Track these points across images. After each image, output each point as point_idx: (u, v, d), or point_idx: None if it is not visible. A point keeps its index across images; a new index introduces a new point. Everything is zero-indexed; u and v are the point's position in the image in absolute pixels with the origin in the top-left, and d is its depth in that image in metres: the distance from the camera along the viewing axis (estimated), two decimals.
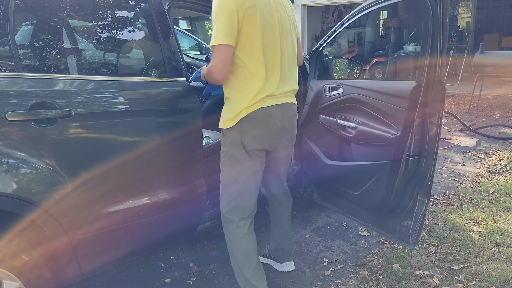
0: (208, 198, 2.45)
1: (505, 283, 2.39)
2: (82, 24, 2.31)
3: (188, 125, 2.26)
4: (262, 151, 2.10)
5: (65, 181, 1.84)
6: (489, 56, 6.55)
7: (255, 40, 1.93)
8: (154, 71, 2.33)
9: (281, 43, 2.02)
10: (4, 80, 1.75)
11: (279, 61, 2.02)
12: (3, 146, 1.69)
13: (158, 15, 2.23)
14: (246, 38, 1.91)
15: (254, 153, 2.06)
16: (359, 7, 2.49)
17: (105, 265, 2.15)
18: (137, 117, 2.08)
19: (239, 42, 1.91)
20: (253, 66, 1.94)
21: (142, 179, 2.12)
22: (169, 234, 2.35)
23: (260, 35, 1.93)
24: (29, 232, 1.77)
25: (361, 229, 3.06)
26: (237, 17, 1.86)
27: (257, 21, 1.91)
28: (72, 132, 1.87)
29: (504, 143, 5.12)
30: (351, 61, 3.75)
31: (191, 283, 2.50)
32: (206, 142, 2.78)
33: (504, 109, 6.89)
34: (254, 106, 1.97)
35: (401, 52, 9.45)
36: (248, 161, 2.06)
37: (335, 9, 12.61)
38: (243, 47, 1.92)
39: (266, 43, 1.96)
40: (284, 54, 2.04)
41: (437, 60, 2.05)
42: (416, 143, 2.18)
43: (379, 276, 2.50)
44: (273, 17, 1.99)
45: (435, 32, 2.02)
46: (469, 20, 12.32)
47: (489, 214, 3.21)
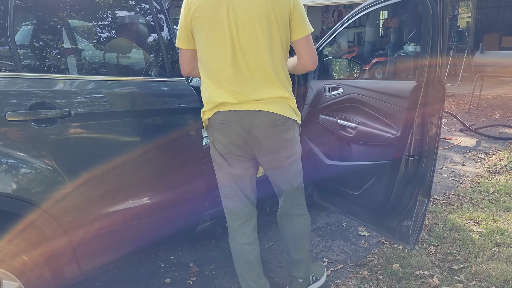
0: (208, 198, 2.45)
1: (505, 283, 2.39)
2: (82, 24, 2.31)
3: (188, 125, 2.26)
4: (239, 156, 1.98)
5: (64, 181, 1.84)
6: (489, 56, 6.55)
7: (200, 45, 1.86)
8: (154, 71, 2.33)
9: (237, 48, 1.80)
10: (4, 80, 1.75)
11: (229, 66, 1.82)
12: (3, 146, 1.69)
13: (158, 15, 2.23)
14: (197, 42, 1.89)
15: (229, 157, 1.98)
16: (359, 7, 2.49)
17: (105, 265, 2.15)
18: (137, 117, 2.08)
19: (196, 46, 1.91)
20: (204, 70, 1.89)
21: (142, 179, 2.12)
22: (169, 234, 2.35)
23: (205, 40, 1.83)
24: (29, 232, 1.77)
25: (361, 229, 3.06)
26: (188, 21, 1.86)
27: (204, 24, 1.81)
28: (72, 132, 1.87)
29: (504, 143, 5.12)
30: (351, 61, 3.74)
31: (191, 283, 2.50)
32: (206, 142, 2.78)
33: (504, 109, 6.89)
34: (213, 110, 1.90)
35: (401, 52, 9.45)
36: (226, 165, 1.99)
37: (335, 9, 12.62)
38: (198, 51, 1.90)
39: (212, 48, 1.83)
40: (241, 59, 1.82)
41: (437, 60, 2.05)
42: (416, 143, 2.18)
43: (379, 276, 2.50)
44: (223, 18, 1.79)
45: (435, 32, 2.02)
46: (469, 20, 12.32)
47: (489, 214, 3.21)
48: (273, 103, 1.87)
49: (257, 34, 1.80)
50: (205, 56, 1.87)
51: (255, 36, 1.80)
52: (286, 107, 1.90)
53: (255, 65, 1.83)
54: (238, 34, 1.79)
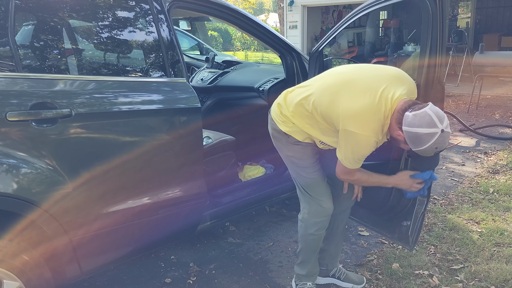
0: (208, 198, 2.45)
1: (505, 283, 2.39)
2: (82, 24, 2.32)
3: (188, 125, 2.26)
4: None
5: (65, 181, 1.84)
6: (488, 56, 6.55)
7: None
8: (154, 71, 2.33)
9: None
10: (4, 80, 1.75)
11: None
12: (3, 146, 1.70)
13: (158, 16, 2.24)
14: None
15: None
16: (359, 8, 2.49)
17: (106, 265, 2.15)
18: (137, 117, 2.09)
19: None
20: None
21: (142, 179, 2.13)
22: (169, 234, 2.36)
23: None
24: (30, 232, 1.77)
25: (361, 229, 3.06)
26: None
27: None
28: (73, 132, 1.87)
29: (504, 143, 5.13)
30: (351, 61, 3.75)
31: (191, 283, 2.51)
32: (206, 142, 2.78)
33: (503, 109, 6.89)
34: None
35: (400, 52, 9.46)
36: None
37: (335, 10, 12.61)
38: None
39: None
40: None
41: (437, 60, 2.05)
42: None
43: (379, 276, 2.50)
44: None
45: (434, 32, 2.02)
46: (468, 20, 12.32)
47: (488, 214, 3.21)
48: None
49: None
50: None
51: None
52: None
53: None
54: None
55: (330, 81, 1.97)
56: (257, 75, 3.45)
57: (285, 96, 2.13)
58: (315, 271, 2.35)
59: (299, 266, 2.32)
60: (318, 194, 2.15)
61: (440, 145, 1.75)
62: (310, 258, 2.28)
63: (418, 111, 1.73)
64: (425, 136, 1.72)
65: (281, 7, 11.80)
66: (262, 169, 3.19)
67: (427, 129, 1.71)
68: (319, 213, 2.16)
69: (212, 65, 3.91)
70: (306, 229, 2.21)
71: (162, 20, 2.25)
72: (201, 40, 5.99)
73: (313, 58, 2.86)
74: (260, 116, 2.28)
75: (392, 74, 1.92)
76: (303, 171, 2.13)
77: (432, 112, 1.72)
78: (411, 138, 1.76)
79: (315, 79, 2.11)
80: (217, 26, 20.72)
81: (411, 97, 1.92)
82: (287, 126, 2.06)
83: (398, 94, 1.81)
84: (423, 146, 1.74)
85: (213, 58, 3.95)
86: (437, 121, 1.71)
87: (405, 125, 1.76)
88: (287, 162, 2.19)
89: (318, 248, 2.28)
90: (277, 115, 2.11)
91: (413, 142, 1.76)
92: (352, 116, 1.82)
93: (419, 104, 1.78)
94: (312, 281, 2.33)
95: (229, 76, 3.63)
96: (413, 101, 1.81)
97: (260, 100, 3.19)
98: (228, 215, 2.69)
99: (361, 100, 1.82)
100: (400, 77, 1.92)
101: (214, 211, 2.52)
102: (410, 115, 1.74)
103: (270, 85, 3.14)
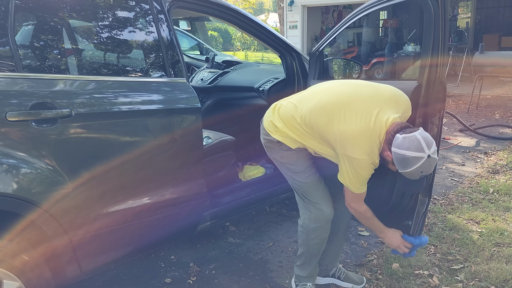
0: (208, 198, 2.45)
1: (505, 283, 2.39)
2: (82, 24, 2.31)
3: (188, 125, 2.26)
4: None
5: (65, 181, 1.84)
6: (488, 56, 6.55)
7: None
8: (154, 71, 2.33)
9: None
10: (4, 81, 1.75)
11: None
12: (3, 146, 1.70)
13: (158, 16, 2.24)
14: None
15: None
16: (360, 8, 2.49)
17: (105, 265, 2.15)
18: (137, 117, 2.09)
19: None
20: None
21: (142, 179, 2.13)
22: (169, 234, 2.36)
23: None
24: (29, 232, 1.77)
25: (361, 229, 3.06)
26: None
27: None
28: (73, 132, 1.87)
29: (504, 143, 5.13)
30: (351, 61, 3.75)
31: (191, 283, 2.51)
32: (206, 142, 2.78)
33: (503, 109, 6.89)
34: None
35: (400, 53, 9.46)
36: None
37: (335, 10, 12.61)
38: None
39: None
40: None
41: (438, 60, 2.05)
42: None
43: (379, 276, 2.50)
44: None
45: (437, 33, 2.02)
46: (468, 20, 12.32)
47: (488, 214, 3.21)
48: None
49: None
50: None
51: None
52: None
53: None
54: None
55: (326, 100, 1.97)
56: (257, 75, 3.44)
57: (278, 109, 2.13)
58: (316, 272, 2.35)
59: (300, 268, 2.32)
60: (316, 198, 2.15)
61: (425, 169, 1.80)
62: (311, 261, 2.27)
63: (409, 134, 1.79)
64: (412, 159, 1.77)
65: (281, 7, 11.80)
66: (262, 169, 3.19)
67: (414, 153, 1.76)
68: (319, 218, 2.15)
69: (212, 65, 3.91)
70: (307, 235, 2.20)
71: (162, 20, 2.25)
72: (201, 40, 5.99)
73: (313, 58, 2.86)
74: (260, 116, 2.28)
75: (387, 96, 1.96)
76: (298, 176, 2.14)
77: (421, 137, 1.78)
78: (398, 160, 1.81)
79: (308, 95, 2.11)
80: (217, 26, 20.72)
81: (406, 115, 1.98)
82: (280, 135, 2.08)
83: (392, 118, 1.86)
84: (409, 168, 1.79)
85: (213, 58, 3.95)
86: (425, 146, 1.77)
87: (395, 146, 1.81)
88: (282, 169, 2.20)
89: (321, 252, 2.28)
90: (269, 125, 2.13)
91: (400, 164, 1.81)
92: (348, 140, 1.86)
93: (411, 127, 1.84)
94: (312, 282, 2.33)
95: (229, 76, 3.63)
96: (405, 124, 1.87)
97: (260, 100, 3.19)
98: (228, 215, 2.69)
99: (358, 124, 1.86)
100: (396, 98, 1.97)
101: (214, 211, 2.52)
102: (400, 137, 1.79)
103: (270, 85, 3.14)
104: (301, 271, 2.31)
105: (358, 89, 2.01)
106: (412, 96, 2.12)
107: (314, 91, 2.11)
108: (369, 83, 2.07)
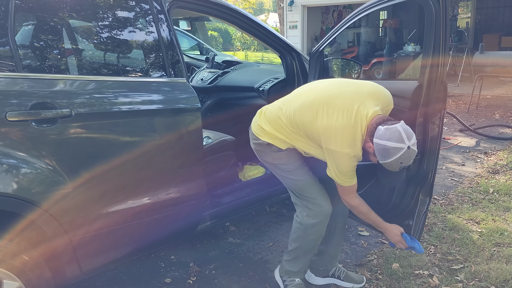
0: (208, 198, 2.45)
1: (505, 282, 2.39)
2: (82, 24, 2.32)
3: (188, 125, 2.26)
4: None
5: (65, 181, 1.84)
6: (488, 56, 6.55)
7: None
8: (154, 71, 2.33)
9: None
10: (4, 81, 1.75)
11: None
12: (3, 146, 1.70)
13: (158, 16, 2.24)
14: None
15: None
16: (360, 8, 2.48)
17: (105, 265, 2.15)
18: (137, 117, 2.08)
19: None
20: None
21: (142, 179, 2.13)
22: (169, 234, 2.36)
23: None
24: (29, 232, 1.77)
25: (361, 229, 3.06)
26: None
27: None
28: (73, 132, 1.87)
29: (504, 143, 5.13)
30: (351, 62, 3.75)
31: (191, 283, 2.51)
32: (206, 142, 2.78)
33: (503, 109, 6.89)
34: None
35: (400, 53, 9.46)
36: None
37: (335, 10, 12.61)
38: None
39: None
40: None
41: (439, 60, 2.05)
42: (418, 143, 2.18)
43: (379, 276, 2.50)
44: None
45: (437, 33, 2.02)
46: (468, 20, 12.33)
47: (488, 214, 3.21)
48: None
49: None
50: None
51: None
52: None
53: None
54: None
55: (311, 100, 2.03)
56: (257, 75, 3.44)
57: (264, 113, 2.19)
58: (306, 268, 2.37)
59: (290, 263, 2.32)
60: (313, 194, 2.17)
61: (405, 160, 1.86)
62: (305, 256, 2.29)
63: (390, 126, 1.86)
64: (393, 150, 1.83)
65: (281, 7, 11.80)
66: (262, 169, 3.19)
67: (395, 143, 1.82)
68: (318, 213, 2.16)
69: (212, 65, 3.91)
70: (305, 231, 2.20)
71: (162, 20, 2.25)
72: (201, 40, 5.99)
73: (313, 58, 2.86)
74: None
75: (368, 91, 2.01)
76: (292, 174, 2.17)
77: (402, 129, 1.85)
78: (379, 151, 1.87)
79: (292, 97, 2.16)
80: (217, 26, 20.72)
81: (387, 109, 2.05)
82: (269, 137, 2.13)
83: (372, 111, 1.92)
84: (389, 159, 1.86)
85: (213, 58, 3.95)
86: (406, 138, 1.83)
87: (376, 137, 1.87)
88: (275, 170, 2.23)
89: (316, 247, 2.29)
90: (257, 129, 2.17)
91: (381, 154, 1.87)
92: (331, 134, 1.93)
93: (392, 120, 1.91)
94: (300, 277, 2.34)
95: (229, 76, 3.63)
96: (387, 117, 1.93)
97: (260, 100, 3.19)
98: (228, 215, 2.69)
99: (339, 119, 1.92)
100: (376, 94, 2.03)
101: (214, 211, 2.52)
102: (382, 128, 1.86)
103: (270, 85, 3.14)
104: (292, 266, 2.31)
105: (341, 87, 2.08)
106: (413, 96, 2.12)
107: (299, 93, 2.17)
108: (352, 81, 2.14)
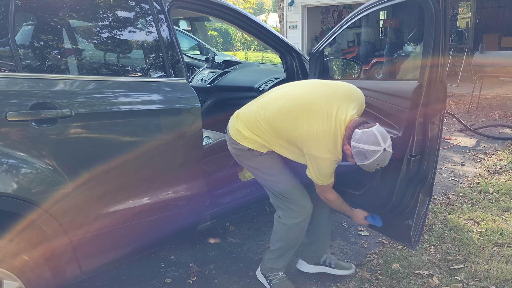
0: (208, 198, 2.45)
1: (505, 282, 2.39)
2: (82, 24, 2.31)
3: (188, 125, 2.26)
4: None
5: (65, 181, 1.84)
6: (488, 56, 6.55)
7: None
8: (154, 71, 2.33)
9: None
10: (4, 81, 1.75)
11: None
12: (3, 146, 1.69)
13: (158, 16, 2.23)
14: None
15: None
16: (360, 8, 2.48)
17: (106, 265, 2.15)
18: (137, 117, 2.08)
19: None
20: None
21: (142, 179, 2.13)
22: (169, 234, 2.36)
23: None
24: (29, 232, 1.77)
25: (361, 229, 3.06)
26: None
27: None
28: (73, 132, 1.87)
29: (504, 143, 5.13)
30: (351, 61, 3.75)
31: (191, 283, 2.51)
32: (206, 142, 2.78)
33: (503, 109, 6.89)
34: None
35: (400, 53, 9.46)
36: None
37: (335, 10, 12.61)
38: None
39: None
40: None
41: (439, 60, 2.05)
42: (417, 143, 2.18)
43: (379, 276, 2.50)
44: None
45: (437, 33, 2.02)
46: (468, 20, 12.33)
47: (488, 214, 3.21)
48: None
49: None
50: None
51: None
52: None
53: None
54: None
55: (289, 105, 2.05)
56: (257, 75, 3.45)
57: (241, 117, 2.20)
58: (288, 262, 2.43)
59: (274, 261, 2.37)
60: (296, 195, 2.21)
61: (381, 162, 1.94)
62: (289, 253, 2.36)
63: (367, 129, 1.92)
64: (370, 153, 1.90)
65: (281, 7, 11.80)
66: None
67: (371, 146, 1.90)
68: (300, 213, 2.22)
69: (212, 65, 3.91)
70: (289, 231, 2.26)
71: (162, 20, 2.25)
72: (201, 40, 5.99)
73: (313, 58, 2.86)
74: None
75: (343, 93, 2.07)
76: (276, 177, 2.20)
77: (377, 132, 1.92)
78: (357, 153, 1.94)
79: (269, 99, 2.15)
80: (217, 26, 20.72)
81: (361, 109, 2.12)
82: (249, 142, 2.14)
83: (350, 115, 1.99)
84: (366, 161, 1.93)
85: (213, 58, 3.95)
86: (381, 141, 1.91)
87: (353, 140, 1.94)
88: (256, 173, 2.26)
89: (298, 243, 2.36)
90: (236, 134, 2.18)
91: (359, 157, 1.95)
92: (313, 141, 1.98)
93: (368, 123, 1.98)
94: (283, 271, 2.39)
95: (229, 76, 3.63)
96: (363, 120, 2.00)
97: None
98: (228, 215, 2.69)
99: (320, 125, 1.97)
100: (350, 95, 2.08)
101: (214, 211, 2.52)
102: (359, 132, 1.93)
103: (270, 85, 3.14)
104: (275, 264, 2.37)
105: (316, 90, 2.10)
106: (413, 96, 2.12)
107: (275, 95, 2.17)
108: (325, 82, 2.19)
